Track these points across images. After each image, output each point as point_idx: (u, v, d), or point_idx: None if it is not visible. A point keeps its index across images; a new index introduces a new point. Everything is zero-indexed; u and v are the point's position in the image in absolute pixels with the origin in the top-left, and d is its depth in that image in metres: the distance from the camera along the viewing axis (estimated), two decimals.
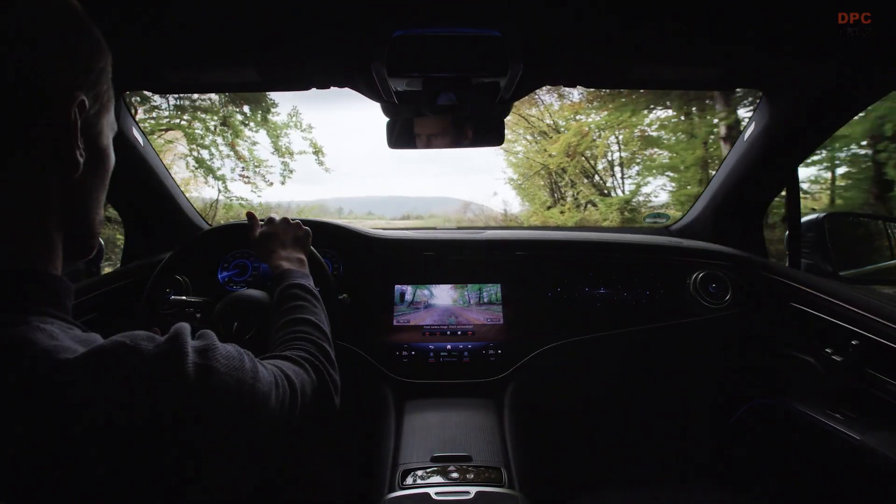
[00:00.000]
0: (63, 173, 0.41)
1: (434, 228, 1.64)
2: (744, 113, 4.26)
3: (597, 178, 6.16)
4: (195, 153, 5.07)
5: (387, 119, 1.21)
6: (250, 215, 0.93)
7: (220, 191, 5.15)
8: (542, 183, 6.45)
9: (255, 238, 0.89)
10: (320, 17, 0.85)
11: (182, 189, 1.47)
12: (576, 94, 5.81)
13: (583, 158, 5.99)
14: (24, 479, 0.32)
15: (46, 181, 0.40)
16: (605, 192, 6.02)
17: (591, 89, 5.02)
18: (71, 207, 0.43)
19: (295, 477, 1.16)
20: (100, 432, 0.33)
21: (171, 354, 0.39)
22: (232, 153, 5.27)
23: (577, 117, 5.97)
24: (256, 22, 0.86)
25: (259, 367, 0.46)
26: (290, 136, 5.60)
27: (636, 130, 5.60)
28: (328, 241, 1.25)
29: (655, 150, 5.60)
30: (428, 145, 1.24)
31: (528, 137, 6.59)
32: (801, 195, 1.30)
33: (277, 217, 0.93)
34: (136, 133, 1.26)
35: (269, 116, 5.33)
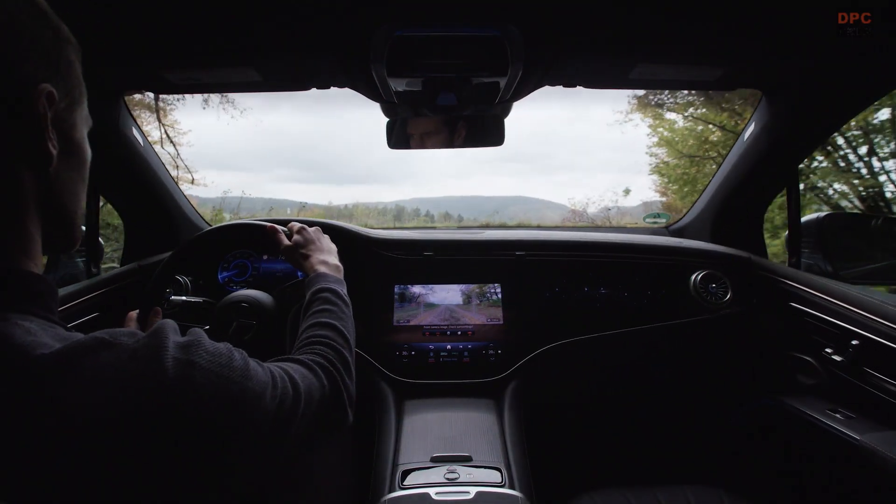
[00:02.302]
0: (36, 167, 0.40)
1: (434, 228, 1.64)
2: None
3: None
4: None
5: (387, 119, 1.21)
6: (272, 228, 0.91)
7: None
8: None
9: (290, 245, 0.87)
10: (320, 17, 0.85)
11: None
12: None
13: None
14: (5, 476, 0.31)
15: (19, 175, 0.40)
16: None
17: None
18: (48, 202, 0.42)
19: (294, 477, 1.16)
20: (76, 428, 0.33)
21: (150, 349, 0.38)
22: None
23: None
24: (256, 22, 0.86)
25: (252, 365, 0.45)
26: None
27: None
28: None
29: None
30: (422, 145, 1.24)
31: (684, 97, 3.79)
32: None
33: (308, 227, 0.91)
34: (136, 133, 1.26)
35: None
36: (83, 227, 0.48)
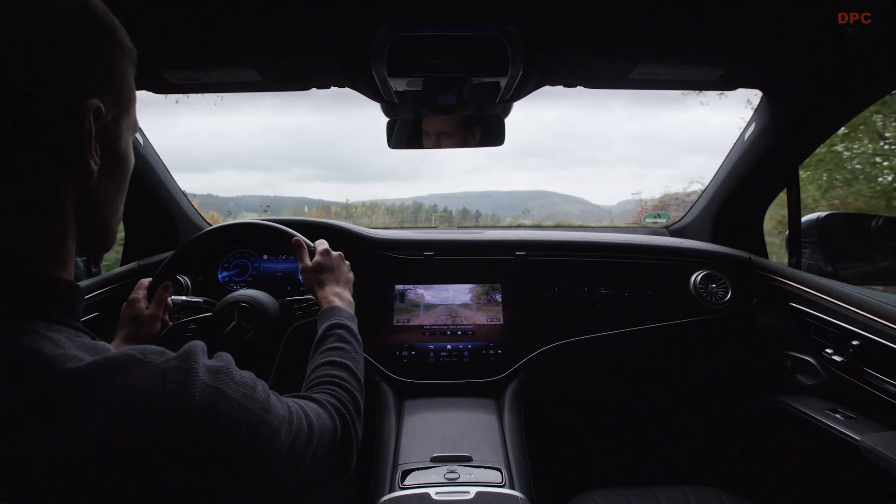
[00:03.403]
0: (76, 180, 0.40)
1: (434, 228, 1.64)
2: None
3: None
4: None
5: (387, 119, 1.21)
6: (297, 242, 0.92)
7: None
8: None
9: (310, 267, 0.88)
10: (320, 18, 0.85)
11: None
12: None
13: None
14: (26, 489, 0.31)
15: (59, 187, 0.39)
16: None
17: None
18: (86, 213, 0.42)
19: None
20: (101, 444, 0.32)
21: (180, 371, 0.37)
22: None
23: None
24: (256, 22, 0.86)
25: (272, 398, 0.45)
26: None
27: None
28: (329, 242, 1.25)
29: None
30: (437, 145, 1.24)
31: None
32: None
33: (332, 251, 0.91)
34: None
35: None
36: (116, 233, 0.48)
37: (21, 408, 0.32)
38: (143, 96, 1.17)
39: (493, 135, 1.20)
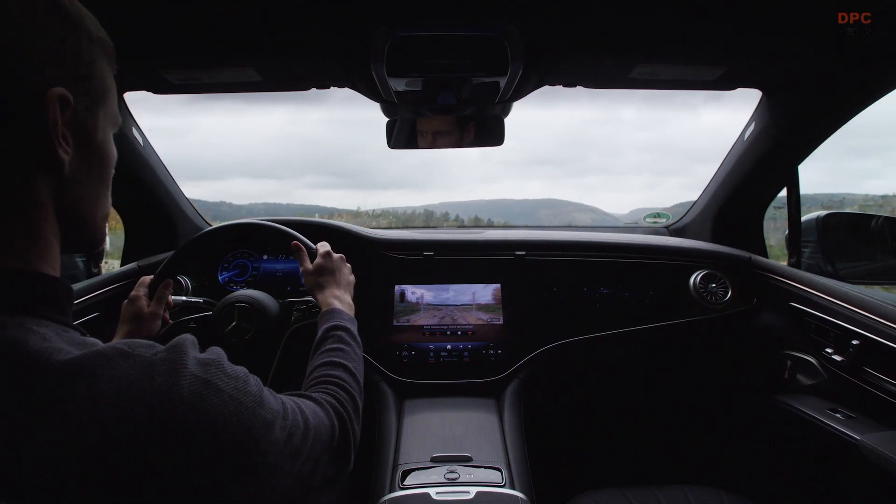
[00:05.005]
0: (48, 172, 0.39)
1: (434, 228, 1.64)
2: None
3: None
4: None
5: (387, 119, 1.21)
6: (296, 245, 0.92)
7: None
8: None
9: (311, 269, 0.88)
10: (320, 17, 0.85)
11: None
12: None
13: None
14: (13, 484, 0.31)
15: (32, 180, 0.38)
16: None
17: None
18: (65, 206, 0.41)
19: None
20: (86, 437, 0.32)
21: (168, 363, 0.37)
22: None
23: None
24: (256, 22, 0.87)
25: (266, 393, 0.45)
26: None
27: None
28: (329, 242, 1.25)
29: None
30: (432, 145, 1.24)
31: None
32: None
33: (333, 253, 0.91)
34: (135, 133, 1.26)
35: None
36: (105, 229, 0.47)
37: (6, 401, 0.32)
38: (154, 101, 1.17)
39: (492, 135, 1.20)
